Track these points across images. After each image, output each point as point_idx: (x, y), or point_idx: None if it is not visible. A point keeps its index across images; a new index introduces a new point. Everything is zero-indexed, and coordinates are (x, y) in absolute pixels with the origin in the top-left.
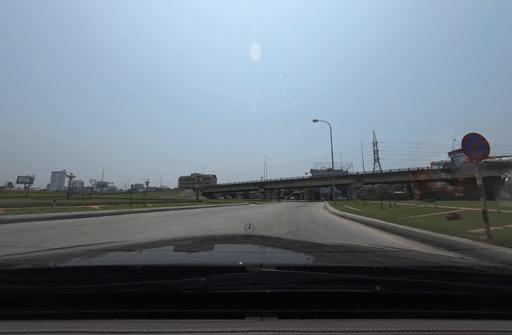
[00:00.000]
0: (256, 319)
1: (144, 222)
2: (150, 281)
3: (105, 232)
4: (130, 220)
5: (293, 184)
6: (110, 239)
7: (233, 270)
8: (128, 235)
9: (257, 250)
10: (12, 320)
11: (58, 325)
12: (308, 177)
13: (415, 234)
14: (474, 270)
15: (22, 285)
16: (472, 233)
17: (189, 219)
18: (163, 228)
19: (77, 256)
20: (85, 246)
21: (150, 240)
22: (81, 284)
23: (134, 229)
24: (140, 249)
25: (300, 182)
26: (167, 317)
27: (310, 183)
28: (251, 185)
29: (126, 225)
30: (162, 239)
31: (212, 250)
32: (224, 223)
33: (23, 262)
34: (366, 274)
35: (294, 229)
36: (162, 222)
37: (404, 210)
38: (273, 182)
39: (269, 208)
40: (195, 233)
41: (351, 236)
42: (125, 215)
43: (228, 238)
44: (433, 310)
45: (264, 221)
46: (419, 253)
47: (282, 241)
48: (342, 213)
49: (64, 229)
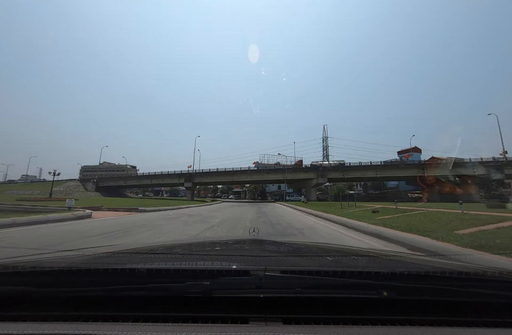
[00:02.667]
0: (261, 324)
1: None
2: (154, 284)
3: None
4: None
5: (233, 178)
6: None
7: (237, 274)
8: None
9: (262, 254)
10: (17, 322)
11: (63, 327)
12: (254, 169)
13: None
14: (486, 276)
15: (26, 287)
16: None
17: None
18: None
19: (81, 259)
20: (90, 249)
21: (155, 244)
22: (86, 287)
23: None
24: (145, 252)
25: (242, 175)
26: (171, 321)
27: (257, 177)
28: (173, 178)
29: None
30: (167, 243)
31: (216, 254)
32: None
33: (27, 264)
34: (373, 280)
35: None
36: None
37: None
38: (205, 174)
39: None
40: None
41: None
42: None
43: (232, 242)
44: (442, 317)
45: None
46: (426, 257)
47: (288, 244)
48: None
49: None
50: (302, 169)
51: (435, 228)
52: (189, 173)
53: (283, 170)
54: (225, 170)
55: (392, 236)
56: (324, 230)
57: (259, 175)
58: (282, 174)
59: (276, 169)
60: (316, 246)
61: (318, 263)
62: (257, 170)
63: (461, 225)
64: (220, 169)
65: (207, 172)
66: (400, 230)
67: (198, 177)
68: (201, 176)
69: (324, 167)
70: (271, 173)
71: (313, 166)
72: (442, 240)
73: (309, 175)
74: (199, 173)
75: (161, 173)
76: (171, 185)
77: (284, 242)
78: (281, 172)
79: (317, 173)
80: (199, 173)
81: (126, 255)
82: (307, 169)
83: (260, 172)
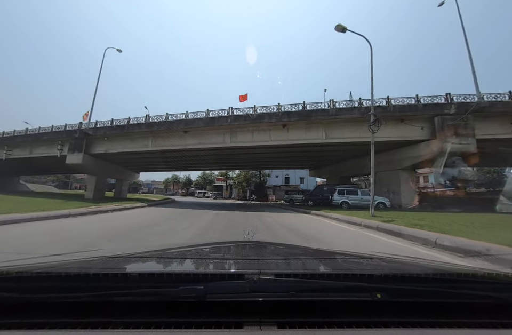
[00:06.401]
0: (255, 328)
1: None
2: (147, 289)
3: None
4: None
5: (193, 142)
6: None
7: (231, 278)
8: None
9: (256, 257)
10: (3, 330)
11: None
12: (247, 114)
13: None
14: (476, 277)
15: (13, 293)
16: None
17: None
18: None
19: (71, 264)
20: (80, 253)
21: (147, 248)
22: (75, 292)
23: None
24: (137, 257)
25: (215, 135)
26: (164, 327)
27: (260, 140)
28: (51, 143)
29: None
30: (159, 247)
31: (210, 257)
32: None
33: (12, 270)
34: (367, 282)
35: None
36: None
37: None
38: (117, 130)
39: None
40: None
41: None
42: None
43: (226, 245)
44: (436, 319)
45: None
46: (420, 260)
47: (282, 247)
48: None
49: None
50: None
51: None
52: (80, 130)
53: (363, 110)
54: (169, 120)
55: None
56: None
57: (263, 135)
58: (342, 129)
59: (323, 110)
60: (311, 249)
61: (312, 266)
62: (258, 118)
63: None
64: (159, 117)
65: (122, 126)
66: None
67: (101, 141)
68: (111, 136)
69: (463, 106)
70: (298, 124)
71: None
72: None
73: (415, 131)
74: (102, 129)
75: (14, 135)
76: (53, 163)
77: (278, 245)
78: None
79: (439, 122)
80: (105, 128)
81: (118, 259)
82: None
83: (268, 122)
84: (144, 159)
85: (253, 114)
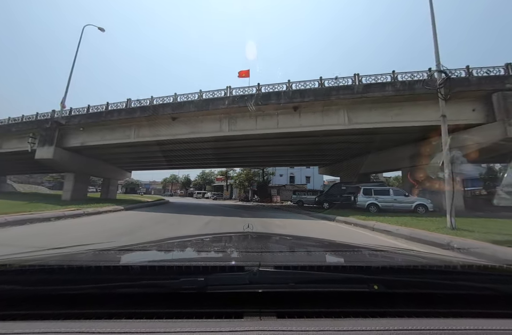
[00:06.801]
0: (255, 318)
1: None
2: (148, 281)
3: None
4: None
5: (182, 131)
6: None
7: (231, 270)
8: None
9: (256, 249)
10: (9, 321)
11: (56, 326)
12: (248, 94)
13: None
14: (472, 269)
15: (17, 285)
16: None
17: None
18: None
19: (74, 256)
20: (83, 246)
21: (149, 240)
22: (79, 284)
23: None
24: (138, 249)
25: (210, 122)
26: (165, 317)
27: (265, 125)
28: (22, 134)
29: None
30: (160, 239)
31: (210, 249)
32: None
33: (15, 263)
34: (364, 274)
35: None
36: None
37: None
38: (94, 118)
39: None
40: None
41: None
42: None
43: (226, 237)
44: (431, 309)
45: None
46: (417, 252)
47: (281, 239)
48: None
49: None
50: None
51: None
52: (51, 119)
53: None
54: (154, 104)
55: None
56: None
57: (269, 121)
58: (369, 111)
59: (346, 86)
60: (310, 240)
61: (311, 258)
62: (263, 98)
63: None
64: (142, 101)
65: (99, 113)
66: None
67: (76, 132)
68: (87, 126)
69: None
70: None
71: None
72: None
73: (464, 113)
74: (77, 117)
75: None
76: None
77: (278, 236)
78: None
79: (500, 99)
80: (80, 116)
81: (119, 252)
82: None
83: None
84: (130, 154)
85: (259, 94)
